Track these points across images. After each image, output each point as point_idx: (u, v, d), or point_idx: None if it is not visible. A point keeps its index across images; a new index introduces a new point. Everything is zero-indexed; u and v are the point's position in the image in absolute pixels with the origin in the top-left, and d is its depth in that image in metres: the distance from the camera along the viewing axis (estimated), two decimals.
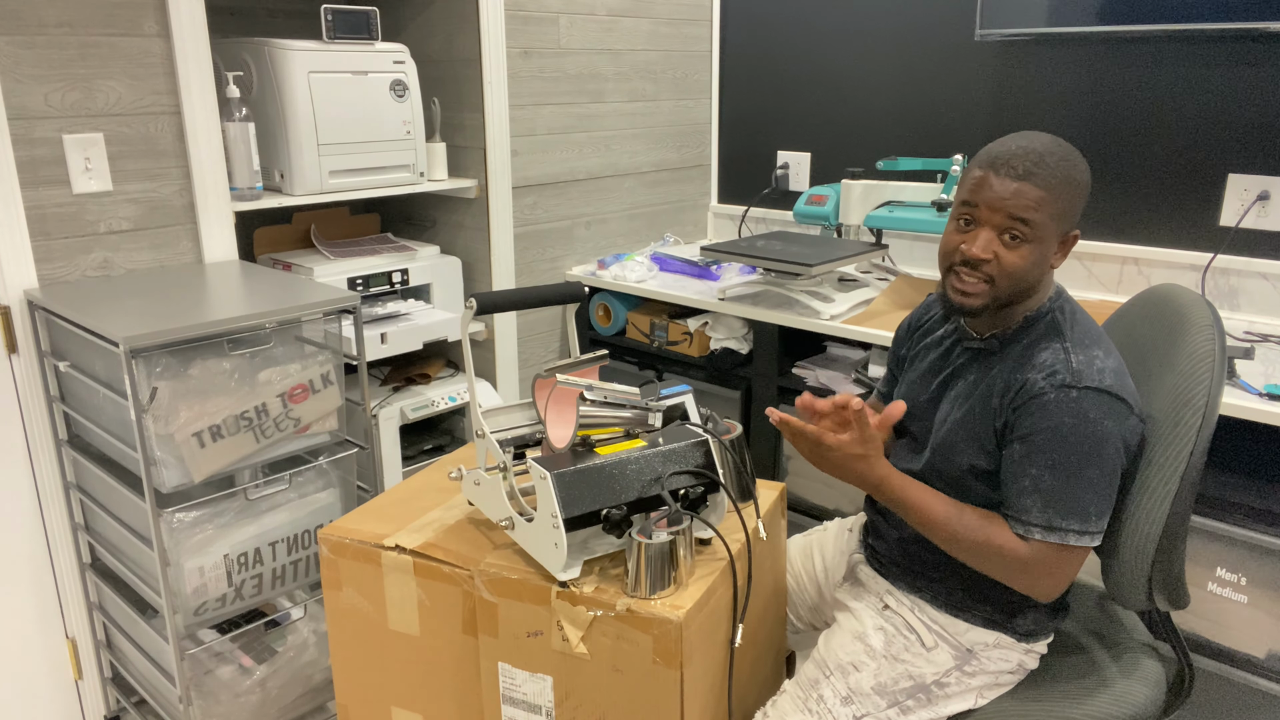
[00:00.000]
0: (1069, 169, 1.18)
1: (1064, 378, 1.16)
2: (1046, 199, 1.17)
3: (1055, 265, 1.24)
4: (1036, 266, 1.20)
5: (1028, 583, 1.20)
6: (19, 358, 1.77)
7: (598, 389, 1.22)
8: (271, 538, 1.77)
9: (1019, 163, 1.17)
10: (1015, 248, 1.19)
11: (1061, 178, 1.17)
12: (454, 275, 2.44)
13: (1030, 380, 1.19)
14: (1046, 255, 1.21)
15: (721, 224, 3.12)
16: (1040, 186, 1.17)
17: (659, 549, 1.13)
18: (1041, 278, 1.23)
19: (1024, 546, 1.18)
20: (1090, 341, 1.20)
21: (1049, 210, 1.17)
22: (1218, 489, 1.81)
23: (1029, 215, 1.17)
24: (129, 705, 1.98)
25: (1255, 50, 2.03)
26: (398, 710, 1.38)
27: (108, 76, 1.80)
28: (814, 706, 1.29)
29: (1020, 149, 1.18)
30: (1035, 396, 1.17)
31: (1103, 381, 1.16)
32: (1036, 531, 1.17)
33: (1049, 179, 1.17)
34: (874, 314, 2.19)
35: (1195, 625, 1.79)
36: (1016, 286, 1.21)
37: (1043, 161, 1.17)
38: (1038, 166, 1.17)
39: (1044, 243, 1.19)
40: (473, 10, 2.31)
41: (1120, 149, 2.26)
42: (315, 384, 1.77)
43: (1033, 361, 1.20)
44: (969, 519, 1.22)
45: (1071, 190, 1.19)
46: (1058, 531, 1.16)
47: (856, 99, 2.71)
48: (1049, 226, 1.18)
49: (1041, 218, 1.17)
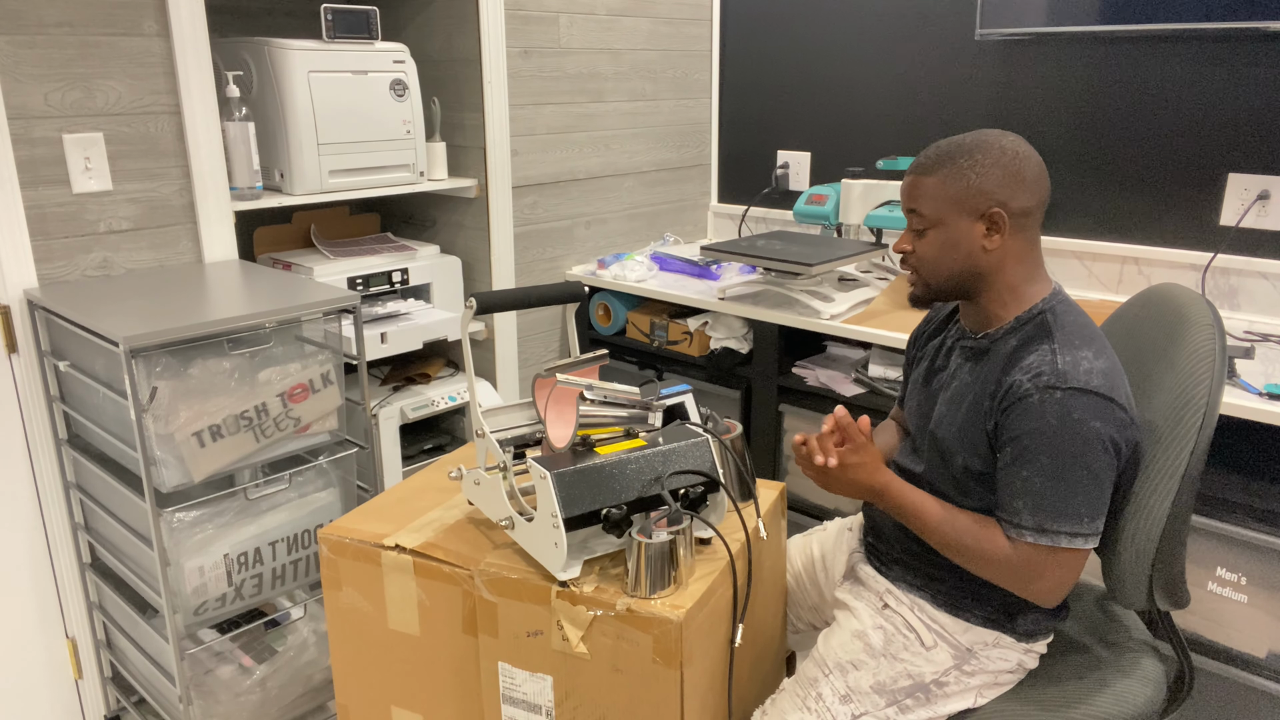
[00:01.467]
0: (965, 152, 1.23)
1: (1048, 379, 1.16)
2: (938, 183, 1.24)
3: (990, 246, 1.24)
4: (951, 249, 1.25)
5: (1023, 586, 1.20)
6: (19, 357, 1.77)
7: (598, 389, 1.22)
8: (271, 537, 1.77)
9: (919, 160, 1.28)
10: (922, 236, 1.28)
11: (949, 162, 1.24)
12: (454, 275, 2.44)
13: (1016, 382, 1.19)
14: (960, 237, 1.24)
15: (721, 224, 3.12)
16: (931, 174, 1.25)
17: (659, 549, 1.13)
18: (976, 262, 1.25)
19: (1014, 550, 1.19)
20: (1080, 342, 1.20)
21: (936, 194, 1.24)
22: (1218, 489, 1.81)
23: (917, 205, 1.27)
24: (129, 705, 1.98)
25: (1255, 50, 2.03)
26: (398, 710, 1.38)
27: (108, 76, 1.80)
28: (813, 705, 1.29)
29: (927, 149, 1.28)
30: (1021, 399, 1.18)
31: (1089, 382, 1.15)
32: (1028, 534, 1.17)
33: (937, 167, 1.25)
34: (874, 314, 2.19)
35: (1195, 625, 1.79)
36: (940, 271, 1.27)
37: (935, 151, 1.26)
38: (927, 158, 1.26)
39: (945, 227, 1.25)
40: (473, 10, 2.31)
41: (1120, 149, 2.26)
42: (315, 384, 1.77)
43: (1020, 363, 1.20)
44: (962, 523, 1.23)
45: (964, 171, 1.23)
46: (1049, 534, 1.16)
47: (856, 99, 2.71)
48: (942, 210, 1.24)
49: (931, 205, 1.25)
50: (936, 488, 1.32)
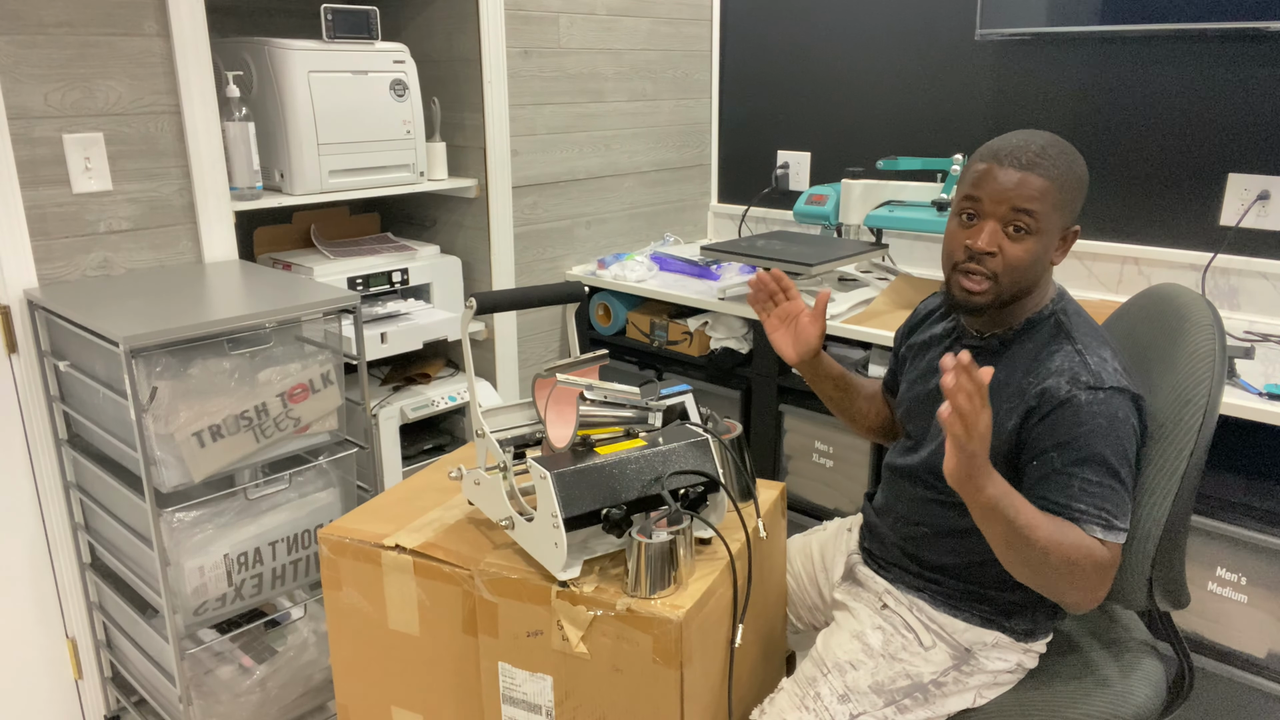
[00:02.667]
0: (1070, 161, 1.19)
1: (1088, 379, 1.16)
2: (1049, 189, 1.17)
3: (1056, 262, 1.24)
4: (1039, 261, 1.21)
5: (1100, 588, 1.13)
6: (19, 357, 1.77)
7: (598, 389, 1.22)
8: (271, 537, 1.77)
9: (1022, 154, 1.18)
10: (1019, 240, 1.19)
11: (1063, 170, 1.18)
12: (454, 275, 2.44)
13: (1053, 386, 1.17)
14: (1049, 250, 1.21)
15: (721, 224, 3.12)
16: (1044, 176, 1.17)
17: (659, 549, 1.13)
18: (1042, 274, 1.23)
19: (1102, 550, 1.13)
20: (1098, 342, 1.21)
21: (1051, 201, 1.18)
22: (1218, 489, 1.81)
23: (1033, 205, 1.17)
24: (129, 705, 1.98)
25: (1255, 50, 2.03)
26: (398, 710, 1.38)
27: (108, 76, 1.80)
28: (811, 704, 1.29)
29: (1023, 142, 1.19)
30: (1065, 402, 1.16)
31: (1121, 381, 1.17)
32: (1099, 532, 1.13)
33: (1051, 170, 1.18)
34: (874, 314, 2.19)
35: (1195, 625, 1.79)
36: (1020, 282, 1.21)
37: (1045, 153, 1.18)
38: (1040, 158, 1.17)
39: (1046, 235, 1.20)
40: (473, 10, 2.31)
41: (1120, 149, 2.26)
42: (315, 384, 1.77)
43: (1047, 367, 1.20)
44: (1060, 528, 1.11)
45: (1073, 183, 1.20)
46: (1115, 531, 1.14)
47: (856, 99, 2.71)
48: (1052, 219, 1.19)
49: (1045, 208, 1.18)
50: (934, 483, 1.32)
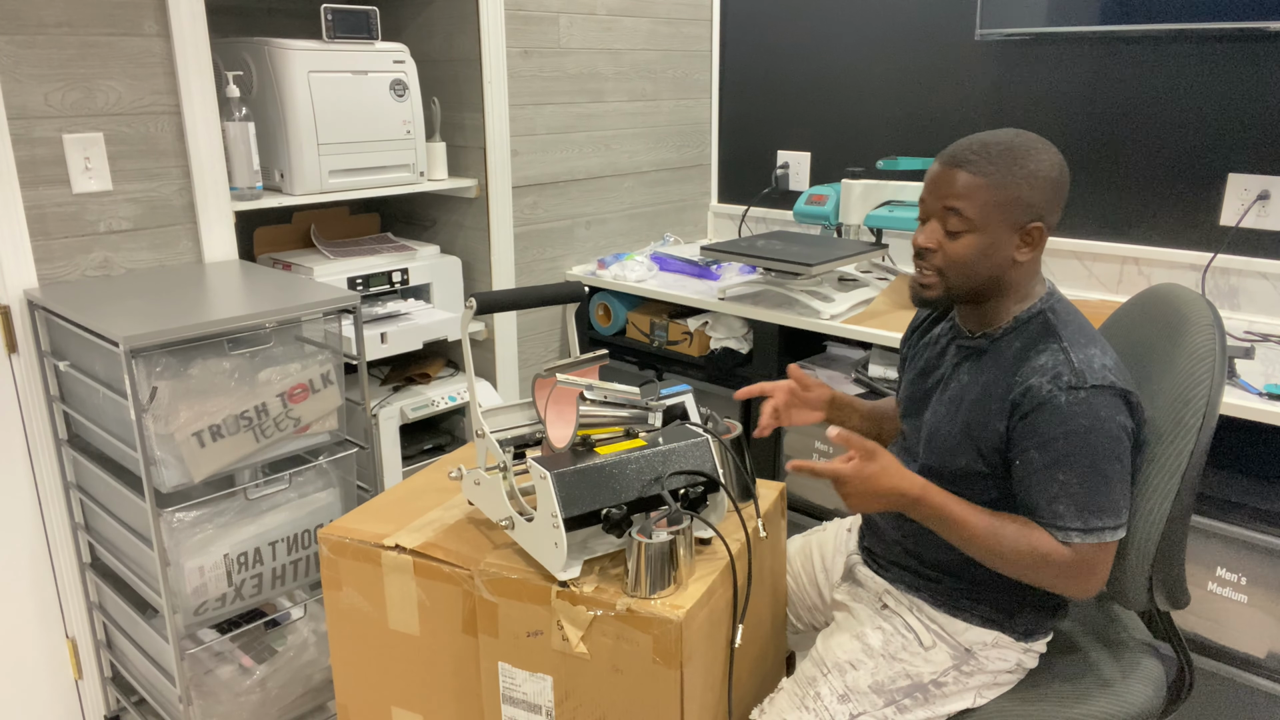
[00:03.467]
0: (1016, 158, 1.17)
1: (1069, 379, 1.16)
2: (981, 186, 1.17)
3: (1021, 259, 1.21)
4: (985, 257, 1.20)
5: (1074, 585, 1.17)
6: (19, 358, 1.77)
7: (598, 389, 1.22)
8: (271, 537, 1.77)
9: (960, 153, 1.19)
10: (956, 237, 1.20)
11: (1003, 167, 1.17)
12: (454, 275, 2.44)
13: (1035, 385, 1.18)
14: (996, 247, 1.20)
15: (721, 224, 3.12)
16: (974, 174, 1.17)
17: (659, 549, 1.13)
18: (1004, 271, 1.22)
19: (1067, 551, 1.16)
20: (1086, 340, 1.20)
21: (984, 198, 1.17)
22: (1218, 489, 1.81)
23: (958, 203, 1.18)
24: (129, 705, 1.98)
25: (1255, 50, 2.03)
26: (398, 710, 1.38)
27: (108, 76, 1.80)
28: (811, 704, 1.29)
29: (970, 140, 1.20)
30: (1045, 402, 1.16)
31: (1106, 378, 1.16)
32: (1075, 535, 1.15)
33: (985, 167, 1.17)
34: (874, 314, 2.19)
35: (1195, 625, 1.79)
36: (971, 277, 1.22)
37: (985, 150, 1.18)
38: (977, 155, 1.18)
39: (986, 233, 1.19)
40: (473, 10, 2.31)
41: (1120, 149, 2.26)
42: (315, 384, 1.77)
43: (1032, 365, 1.20)
44: (1010, 529, 1.18)
45: (1017, 180, 1.17)
46: (1095, 531, 1.15)
47: (856, 99, 2.71)
48: (989, 216, 1.18)
49: (974, 206, 1.18)
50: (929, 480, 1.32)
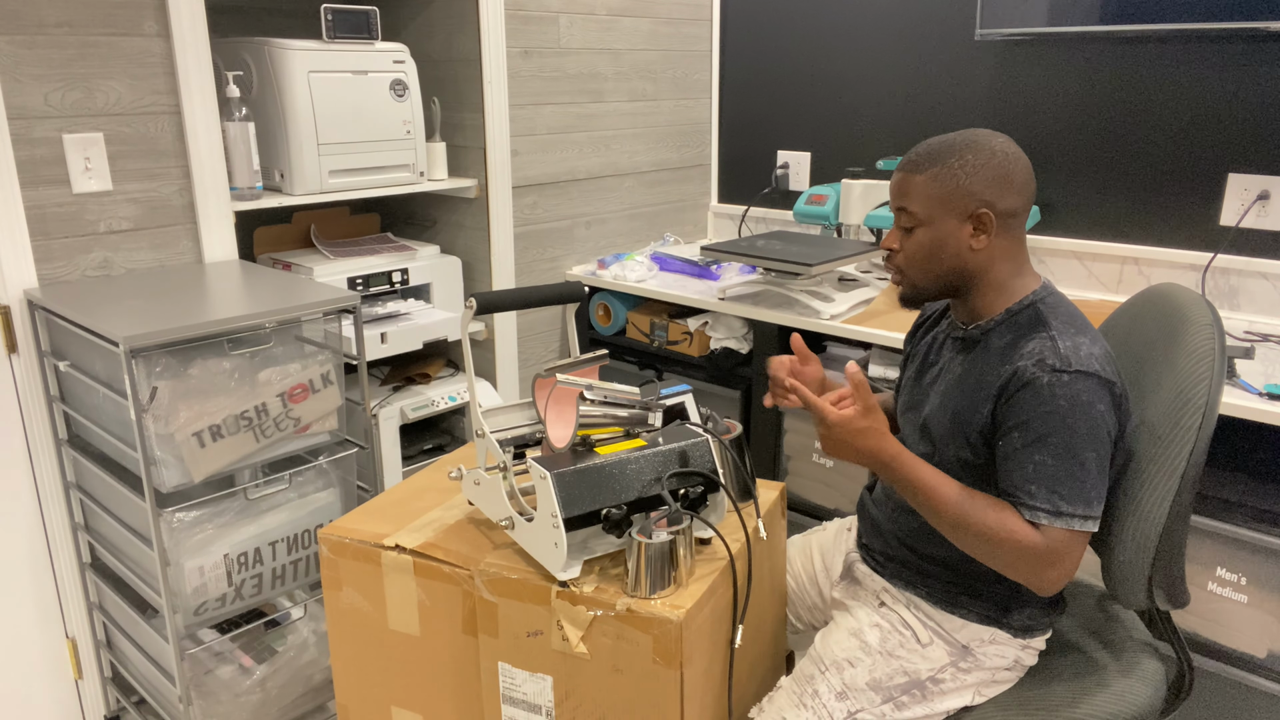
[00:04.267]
0: (954, 152, 1.23)
1: (1054, 362, 1.16)
2: (927, 182, 1.24)
3: (978, 246, 1.24)
4: (939, 248, 1.26)
5: (1038, 573, 1.17)
6: (19, 358, 1.77)
7: (598, 389, 1.22)
8: (271, 537, 1.77)
9: (908, 155, 1.27)
10: (909, 235, 1.28)
11: (939, 162, 1.23)
12: (454, 275, 2.44)
13: (1020, 369, 1.19)
14: (947, 237, 1.25)
15: (721, 224, 3.12)
16: (920, 172, 1.24)
17: (659, 549, 1.13)
18: (963, 261, 1.26)
19: (1036, 534, 1.15)
20: (1076, 329, 1.21)
21: (925, 192, 1.24)
22: (1218, 489, 1.81)
23: (905, 203, 1.26)
24: (129, 705, 1.98)
25: (1255, 50, 2.03)
26: (398, 710, 1.38)
27: (108, 76, 1.80)
28: (809, 702, 1.29)
29: (920, 144, 1.27)
30: (1028, 383, 1.17)
31: (1092, 366, 1.16)
32: (1043, 517, 1.15)
33: (926, 165, 1.24)
34: (874, 314, 2.19)
35: (1195, 625, 1.79)
36: (927, 270, 1.27)
37: (926, 150, 1.25)
38: (919, 155, 1.25)
39: (933, 226, 1.25)
40: (473, 10, 2.31)
41: (1121, 149, 2.26)
42: (315, 384, 1.77)
43: (1020, 351, 1.21)
44: (980, 503, 1.19)
45: (954, 172, 1.22)
46: (1064, 517, 1.15)
47: (856, 99, 2.71)
48: (932, 209, 1.24)
49: (920, 204, 1.25)
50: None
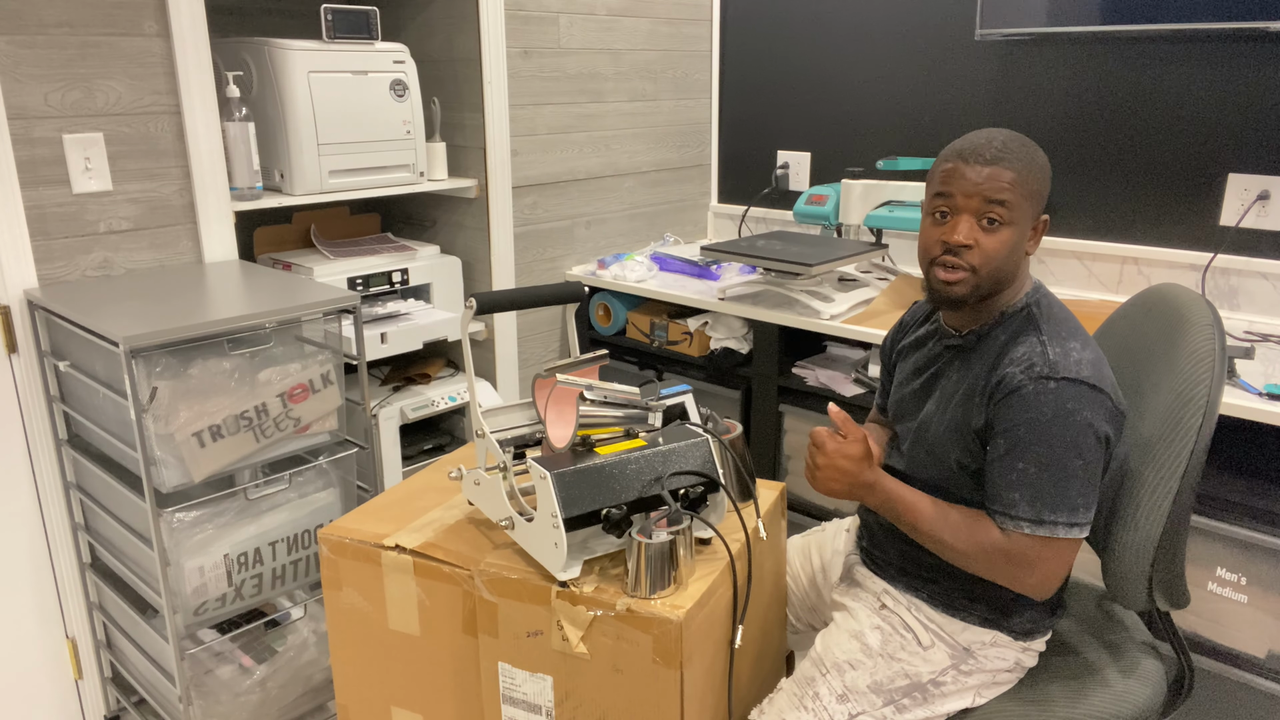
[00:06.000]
0: (1031, 153, 1.23)
1: (1041, 369, 1.17)
2: (1018, 180, 1.21)
3: (1030, 252, 1.26)
4: (1015, 251, 1.24)
5: (1017, 579, 1.19)
6: (19, 358, 1.77)
7: (598, 389, 1.22)
8: (271, 537, 1.77)
9: (987, 150, 1.22)
10: (994, 232, 1.22)
11: (1027, 161, 1.22)
12: (454, 275, 2.44)
13: (1008, 375, 1.19)
14: (1023, 239, 1.24)
15: (721, 224, 3.12)
16: (1011, 168, 1.21)
17: (659, 549, 1.13)
18: (1019, 265, 1.25)
19: (1009, 541, 1.18)
20: (1066, 334, 1.21)
21: (1021, 191, 1.21)
22: (1218, 489, 1.81)
23: (1004, 196, 1.21)
24: (129, 705, 1.98)
25: (1255, 50, 2.03)
26: (398, 710, 1.38)
27: (108, 76, 1.80)
28: (810, 704, 1.29)
29: (985, 139, 1.24)
30: (1014, 390, 1.18)
31: (1080, 372, 1.16)
32: (1025, 525, 1.17)
33: (1016, 162, 1.21)
34: (874, 314, 2.19)
35: (1195, 625, 1.79)
36: (997, 273, 1.24)
37: (1007, 147, 1.22)
38: (1004, 151, 1.22)
39: (1019, 225, 1.23)
40: (473, 10, 2.31)
41: (1120, 149, 2.26)
42: (315, 384, 1.77)
43: (1010, 356, 1.21)
44: (954, 518, 1.22)
45: (1037, 173, 1.23)
46: (1046, 525, 1.16)
47: (856, 99, 2.71)
48: (1023, 208, 1.22)
49: (1016, 199, 1.21)
50: (920, 483, 1.33)
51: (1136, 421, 1.30)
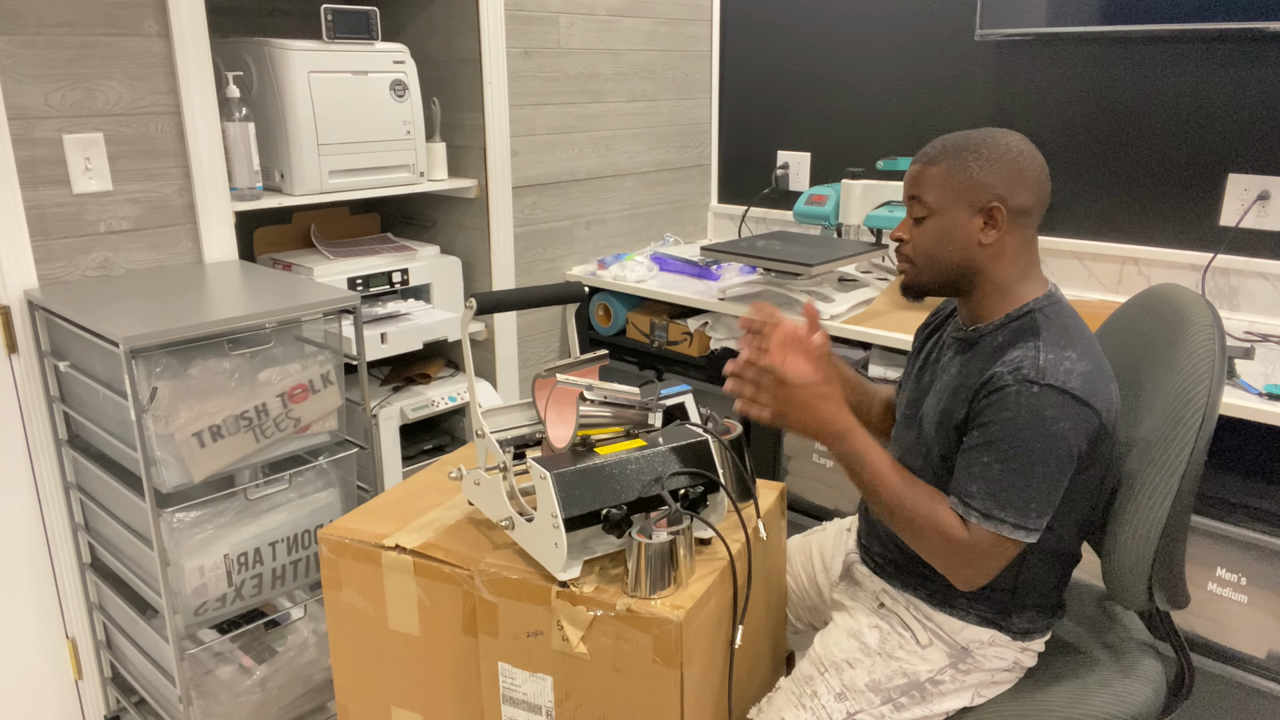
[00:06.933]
0: (970, 146, 1.24)
1: (1028, 373, 1.16)
2: (937, 174, 1.25)
3: (986, 241, 1.24)
4: (948, 239, 1.25)
5: (953, 568, 1.20)
6: (19, 358, 1.77)
7: (598, 389, 1.22)
8: (271, 538, 1.77)
9: (930, 150, 1.27)
10: (921, 225, 1.28)
11: (955, 154, 1.24)
12: (454, 275, 2.44)
13: (996, 374, 1.19)
14: (957, 229, 1.25)
15: (721, 224, 3.12)
16: (932, 165, 1.25)
17: (659, 549, 1.13)
18: (971, 256, 1.25)
19: (961, 529, 1.18)
20: (1066, 343, 1.19)
21: (939, 182, 1.24)
22: (1218, 489, 1.81)
23: (918, 192, 1.27)
24: (129, 705, 1.98)
25: (1255, 50, 2.03)
26: (398, 710, 1.38)
27: (108, 76, 1.80)
28: (808, 703, 1.29)
29: (939, 141, 1.28)
30: (998, 389, 1.18)
31: (1067, 382, 1.15)
32: (975, 516, 1.18)
33: (942, 158, 1.25)
34: (874, 314, 2.19)
35: (1195, 625, 1.79)
36: (935, 260, 1.27)
37: (943, 143, 1.26)
38: (935, 150, 1.26)
39: (944, 216, 1.25)
40: (473, 10, 2.31)
41: (1120, 149, 2.26)
42: (315, 384, 1.77)
43: (1004, 358, 1.21)
44: (917, 492, 1.22)
45: (968, 164, 1.23)
46: (993, 520, 1.16)
47: (856, 99, 2.71)
48: (944, 199, 1.24)
49: (933, 194, 1.25)
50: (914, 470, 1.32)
51: (1136, 421, 1.30)
